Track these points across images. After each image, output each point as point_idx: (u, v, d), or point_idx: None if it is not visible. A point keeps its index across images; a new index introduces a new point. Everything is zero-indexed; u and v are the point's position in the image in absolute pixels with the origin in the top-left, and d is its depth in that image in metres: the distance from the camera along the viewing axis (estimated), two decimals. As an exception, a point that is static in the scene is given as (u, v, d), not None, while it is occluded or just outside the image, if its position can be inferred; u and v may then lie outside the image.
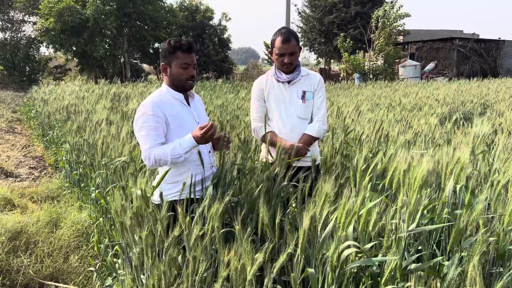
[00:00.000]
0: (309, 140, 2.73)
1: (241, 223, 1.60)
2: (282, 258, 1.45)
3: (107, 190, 3.22)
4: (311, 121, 2.82)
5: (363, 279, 1.59)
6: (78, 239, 3.65)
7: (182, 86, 2.34)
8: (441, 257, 1.63)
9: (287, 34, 2.67)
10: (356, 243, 1.52)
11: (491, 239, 1.65)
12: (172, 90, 2.35)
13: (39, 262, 3.24)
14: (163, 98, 2.31)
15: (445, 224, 1.73)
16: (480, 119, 4.37)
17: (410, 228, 1.53)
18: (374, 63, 23.38)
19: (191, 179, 2.19)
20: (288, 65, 2.71)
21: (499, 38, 26.59)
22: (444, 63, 25.00)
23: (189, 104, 2.41)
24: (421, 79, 21.66)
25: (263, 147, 2.91)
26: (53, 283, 3.04)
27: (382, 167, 2.38)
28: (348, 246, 1.52)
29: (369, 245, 1.63)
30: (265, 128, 2.77)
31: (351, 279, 1.61)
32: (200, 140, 2.16)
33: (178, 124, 2.28)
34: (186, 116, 2.34)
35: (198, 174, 2.27)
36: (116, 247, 2.71)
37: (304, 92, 2.76)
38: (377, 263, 1.63)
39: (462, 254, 1.58)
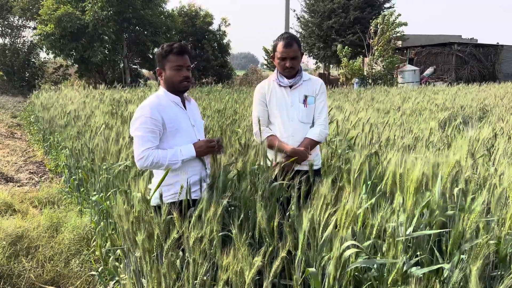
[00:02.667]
0: (311, 144, 2.76)
1: (239, 226, 1.61)
2: (277, 262, 1.45)
3: (108, 194, 3.23)
4: (312, 125, 2.84)
5: (365, 281, 1.60)
6: (78, 244, 3.65)
7: (176, 88, 2.40)
8: (441, 264, 1.63)
9: (289, 39, 2.71)
10: (357, 243, 1.52)
11: (491, 242, 1.66)
12: (169, 93, 2.41)
13: (40, 267, 3.24)
14: (161, 101, 2.37)
15: (442, 230, 1.74)
16: (478, 124, 4.39)
17: (408, 231, 1.53)
18: (373, 69, 23.46)
19: (188, 181, 2.24)
20: (290, 69, 2.74)
21: (498, 43, 26.70)
22: (443, 68, 25.08)
23: (185, 107, 2.47)
24: (420, 84, 21.73)
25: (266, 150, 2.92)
26: (54, 288, 3.04)
27: (379, 170, 2.39)
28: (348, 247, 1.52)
29: (366, 243, 1.64)
30: (261, 133, 2.81)
31: (351, 282, 1.62)
32: (202, 151, 2.35)
33: (174, 127, 2.34)
34: (182, 119, 2.41)
35: (194, 175, 2.35)
36: (118, 251, 2.72)
37: (306, 97, 2.80)
38: (375, 266, 1.63)
39: (462, 256, 1.58)
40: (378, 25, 22.98)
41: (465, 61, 24.95)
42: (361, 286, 1.67)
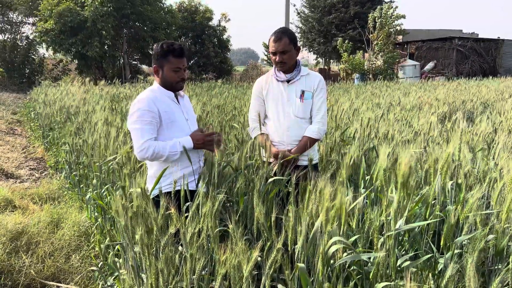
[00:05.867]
0: (310, 142, 2.74)
1: (236, 221, 1.61)
2: (273, 254, 1.46)
3: (103, 190, 3.24)
4: (310, 121, 2.82)
5: (352, 276, 1.61)
6: (79, 239, 3.66)
7: (172, 88, 2.50)
8: (430, 255, 1.64)
9: (279, 33, 2.69)
10: (342, 239, 1.53)
11: (490, 236, 1.66)
12: (164, 89, 2.50)
13: (40, 263, 3.25)
14: (156, 95, 2.44)
15: (430, 221, 1.74)
16: (479, 118, 4.38)
17: (397, 225, 1.53)
18: (374, 63, 23.41)
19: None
20: (281, 64, 2.72)
21: (498, 37, 26.61)
22: (443, 62, 25.03)
23: (178, 102, 2.56)
24: (421, 79, 21.69)
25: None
26: (54, 283, 3.05)
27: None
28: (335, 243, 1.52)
29: (352, 239, 1.64)
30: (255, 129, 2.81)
31: (343, 277, 1.63)
32: (200, 144, 2.39)
33: (170, 119, 2.42)
34: (176, 112, 2.48)
35: (188, 167, 2.40)
36: (117, 246, 2.73)
37: (302, 92, 2.77)
38: (371, 261, 1.64)
39: (457, 250, 1.58)
40: (376, 19, 22.91)
41: (466, 55, 24.89)
42: (350, 281, 1.68)
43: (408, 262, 1.55)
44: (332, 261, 1.59)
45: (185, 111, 2.56)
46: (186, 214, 1.82)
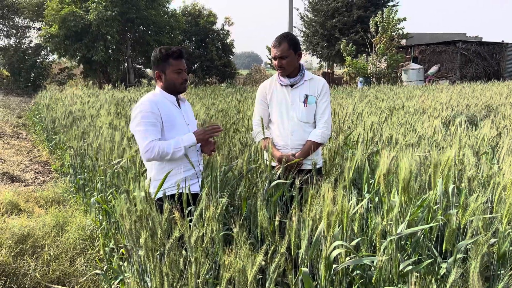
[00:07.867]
0: (313, 146, 2.75)
1: (240, 225, 1.62)
2: (277, 258, 1.47)
3: (107, 194, 3.26)
4: (314, 125, 2.84)
5: (355, 280, 1.62)
6: (83, 243, 3.68)
7: (177, 90, 2.52)
8: (432, 259, 1.64)
9: (279, 38, 2.72)
10: (343, 243, 1.53)
11: (492, 240, 1.66)
12: (165, 93, 2.52)
13: (45, 266, 3.28)
14: (158, 98, 2.47)
15: (430, 224, 1.74)
16: (483, 122, 4.37)
17: (399, 230, 1.54)
18: (377, 67, 23.39)
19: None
20: (281, 69, 2.75)
21: (502, 41, 26.53)
22: (447, 66, 24.97)
23: (179, 106, 2.58)
24: (425, 83, 21.65)
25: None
26: (59, 287, 3.07)
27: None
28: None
29: (353, 242, 1.65)
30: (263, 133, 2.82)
31: (346, 281, 1.64)
32: (201, 136, 2.39)
33: (170, 123, 2.44)
34: (177, 116, 2.51)
35: (186, 171, 2.43)
36: (122, 250, 2.74)
37: (306, 96, 2.79)
38: (374, 265, 1.65)
39: (460, 255, 1.59)
40: (378, 23, 22.90)
41: (470, 59, 24.83)
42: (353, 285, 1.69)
43: (410, 267, 1.55)
44: (335, 265, 1.60)
45: (186, 116, 2.59)
46: (189, 218, 1.84)
